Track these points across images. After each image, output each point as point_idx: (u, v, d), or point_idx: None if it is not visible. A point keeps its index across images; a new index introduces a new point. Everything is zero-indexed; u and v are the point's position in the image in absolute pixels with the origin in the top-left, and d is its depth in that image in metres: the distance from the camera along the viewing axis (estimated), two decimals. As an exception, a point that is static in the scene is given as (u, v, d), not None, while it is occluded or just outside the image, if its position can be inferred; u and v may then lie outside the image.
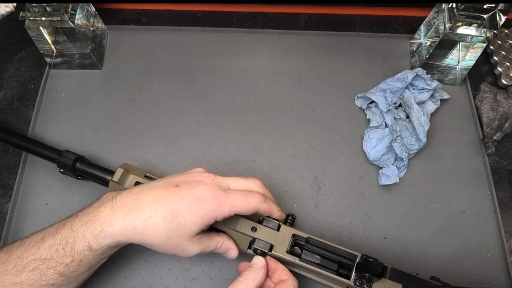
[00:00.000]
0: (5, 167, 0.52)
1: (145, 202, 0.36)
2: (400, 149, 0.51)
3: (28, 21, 0.51)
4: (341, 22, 0.64)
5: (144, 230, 0.35)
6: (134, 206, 0.36)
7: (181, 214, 0.36)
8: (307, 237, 0.41)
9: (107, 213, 0.36)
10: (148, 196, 0.37)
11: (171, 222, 0.36)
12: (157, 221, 0.35)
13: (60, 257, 0.35)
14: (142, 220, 0.35)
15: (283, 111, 0.56)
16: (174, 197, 0.36)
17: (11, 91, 0.57)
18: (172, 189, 0.37)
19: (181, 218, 0.36)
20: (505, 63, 0.59)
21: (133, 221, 0.35)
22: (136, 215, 0.35)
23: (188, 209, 0.36)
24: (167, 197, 0.36)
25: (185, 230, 0.36)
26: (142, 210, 0.36)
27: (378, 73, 0.59)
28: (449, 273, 0.46)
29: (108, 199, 0.37)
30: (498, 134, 0.54)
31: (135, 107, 0.56)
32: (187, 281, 0.45)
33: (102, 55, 0.59)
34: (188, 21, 0.63)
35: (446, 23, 0.52)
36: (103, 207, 0.36)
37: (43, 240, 0.36)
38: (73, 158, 0.46)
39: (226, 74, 0.59)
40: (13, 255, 0.36)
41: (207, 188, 0.37)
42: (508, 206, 0.51)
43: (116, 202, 0.37)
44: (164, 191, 0.37)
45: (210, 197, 0.37)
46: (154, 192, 0.37)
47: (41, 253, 0.36)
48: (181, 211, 0.36)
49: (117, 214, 0.36)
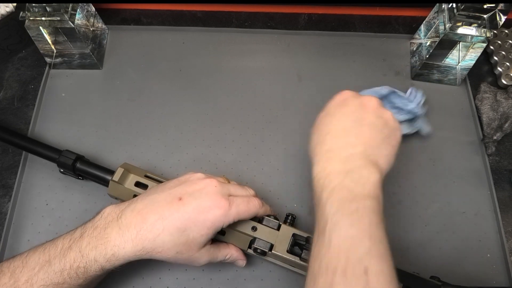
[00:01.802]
0: (5, 167, 0.52)
1: (151, 221, 0.36)
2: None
3: (28, 21, 0.51)
4: (341, 22, 0.64)
5: (154, 249, 0.36)
6: (141, 227, 0.36)
7: (188, 229, 0.36)
8: (307, 237, 0.41)
9: (116, 235, 0.36)
10: (153, 214, 0.37)
11: (179, 238, 0.36)
12: (166, 239, 0.36)
13: (73, 280, 0.35)
14: (151, 240, 0.36)
15: (283, 111, 0.56)
16: (179, 212, 0.37)
17: (11, 91, 0.57)
18: (176, 204, 0.37)
19: (188, 232, 0.37)
20: (505, 63, 0.59)
21: (142, 242, 0.36)
22: (145, 236, 0.36)
23: (195, 223, 0.37)
24: (172, 213, 0.36)
25: (193, 243, 0.37)
26: (150, 230, 0.36)
27: (378, 73, 0.59)
28: (449, 273, 0.46)
29: (113, 218, 0.37)
30: (498, 134, 0.54)
31: (135, 107, 0.56)
32: (187, 281, 0.45)
33: (102, 55, 0.59)
34: (188, 21, 0.63)
35: (446, 23, 0.52)
36: (110, 228, 0.36)
37: (50, 264, 0.35)
38: (73, 157, 0.46)
39: (226, 74, 0.59)
40: (20, 280, 0.35)
41: (210, 198, 0.38)
42: (508, 206, 0.51)
43: (123, 222, 0.36)
44: (168, 206, 0.37)
45: (215, 207, 0.37)
46: (158, 209, 0.37)
47: (52, 278, 0.35)
48: (188, 225, 0.36)
49: (126, 236, 0.36)
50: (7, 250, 0.46)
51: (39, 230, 0.47)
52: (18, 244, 0.47)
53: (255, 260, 0.46)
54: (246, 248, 0.42)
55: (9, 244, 0.47)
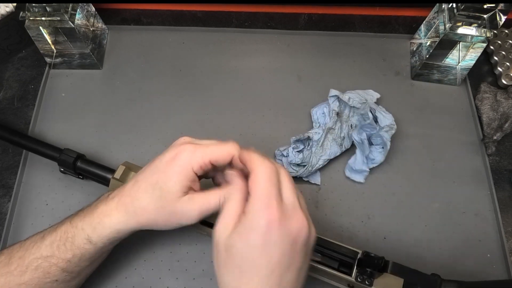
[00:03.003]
0: (5, 167, 0.52)
1: (128, 187, 0.38)
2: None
3: (28, 21, 0.51)
4: (341, 22, 0.64)
5: (135, 210, 0.37)
6: (121, 194, 0.38)
7: (159, 180, 0.36)
8: None
9: (103, 206, 0.38)
10: (130, 181, 0.38)
11: (153, 192, 0.36)
12: (142, 196, 0.36)
13: (61, 253, 0.36)
14: (131, 203, 0.37)
15: (283, 111, 0.56)
16: (150, 168, 0.38)
17: (11, 91, 0.57)
18: (147, 165, 0.38)
19: (160, 183, 0.36)
20: (505, 63, 0.59)
21: (124, 206, 0.37)
22: (124, 200, 0.37)
23: (164, 172, 0.36)
24: (144, 173, 0.38)
25: (168, 193, 0.36)
26: (128, 194, 0.37)
27: (378, 73, 0.59)
28: (449, 273, 0.46)
29: (104, 196, 0.39)
30: (498, 134, 0.54)
31: (135, 107, 0.56)
32: (187, 281, 0.45)
33: (102, 55, 0.59)
34: (188, 21, 0.63)
35: (446, 23, 0.52)
36: (100, 202, 0.38)
37: (43, 239, 0.37)
38: (75, 156, 0.46)
39: (226, 74, 0.59)
40: (14, 256, 0.37)
41: (176, 147, 0.37)
42: (508, 206, 0.51)
43: (110, 196, 0.38)
44: (142, 170, 0.39)
45: (180, 152, 0.36)
46: (135, 177, 0.38)
47: (42, 251, 0.36)
48: (159, 177, 0.36)
49: (110, 205, 0.37)
50: (7, 250, 0.46)
51: (39, 230, 0.47)
52: (18, 244, 0.47)
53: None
54: None
55: (9, 244, 0.47)
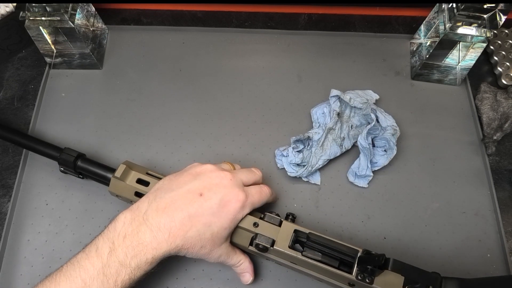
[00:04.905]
0: (5, 167, 0.52)
1: (179, 219, 0.37)
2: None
3: (28, 21, 0.51)
4: (341, 22, 0.64)
5: (183, 245, 0.38)
6: (171, 226, 0.37)
7: (212, 223, 0.38)
8: (309, 233, 0.41)
9: (150, 239, 0.36)
10: (179, 212, 0.38)
11: (205, 233, 0.38)
12: (194, 235, 0.38)
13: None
14: (182, 238, 0.37)
15: (283, 111, 0.56)
16: (203, 207, 0.38)
17: (11, 91, 0.57)
18: (198, 199, 0.38)
19: (213, 227, 0.38)
20: (505, 63, 0.59)
21: (175, 240, 0.37)
22: (176, 234, 0.37)
23: (218, 217, 0.39)
24: (197, 210, 0.38)
25: (217, 237, 0.39)
26: (180, 228, 0.37)
27: (378, 73, 0.59)
28: (449, 272, 0.46)
29: (139, 222, 0.37)
30: (498, 134, 0.54)
31: (135, 107, 0.56)
32: (187, 281, 0.45)
33: (102, 55, 0.59)
34: (188, 21, 0.63)
35: (446, 23, 0.52)
36: (141, 233, 0.37)
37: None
38: (75, 155, 0.46)
39: (226, 74, 0.59)
40: None
41: (229, 191, 0.40)
42: (508, 206, 0.51)
43: (152, 224, 0.37)
44: (192, 203, 0.38)
45: (234, 201, 0.39)
46: (183, 207, 0.38)
47: None
48: (212, 220, 0.38)
49: (160, 238, 0.37)
50: (7, 250, 0.46)
51: (39, 230, 0.47)
52: (18, 244, 0.47)
53: (255, 260, 0.46)
54: (247, 245, 0.42)
55: (9, 244, 0.47)
